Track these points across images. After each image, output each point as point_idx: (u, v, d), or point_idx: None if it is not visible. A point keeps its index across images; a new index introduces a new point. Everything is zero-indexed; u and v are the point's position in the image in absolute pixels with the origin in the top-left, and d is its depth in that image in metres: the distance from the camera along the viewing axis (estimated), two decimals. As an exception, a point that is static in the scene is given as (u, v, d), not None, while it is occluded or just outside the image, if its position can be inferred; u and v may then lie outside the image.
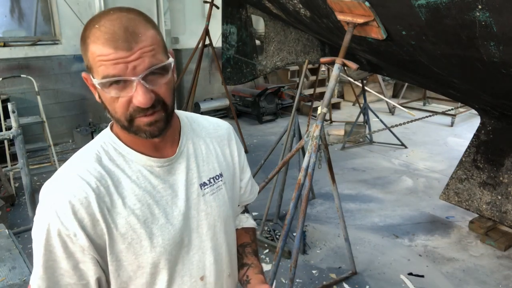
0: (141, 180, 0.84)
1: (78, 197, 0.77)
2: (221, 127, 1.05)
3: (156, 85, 0.77)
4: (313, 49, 4.05)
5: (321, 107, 2.36)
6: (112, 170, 0.83)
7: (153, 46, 0.75)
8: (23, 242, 3.23)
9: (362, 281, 2.84)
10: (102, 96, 0.79)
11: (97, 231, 0.79)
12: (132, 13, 0.76)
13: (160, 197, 0.86)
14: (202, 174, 0.94)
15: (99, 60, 0.73)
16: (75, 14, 5.47)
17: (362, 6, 2.13)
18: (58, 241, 0.77)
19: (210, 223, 0.94)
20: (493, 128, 3.20)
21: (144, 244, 0.82)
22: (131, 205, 0.82)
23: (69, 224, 0.76)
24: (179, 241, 0.88)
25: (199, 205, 0.92)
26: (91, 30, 0.74)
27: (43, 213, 0.78)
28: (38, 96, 4.29)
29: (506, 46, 1.72)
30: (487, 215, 3.18)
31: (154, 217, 0.84)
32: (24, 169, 2.00)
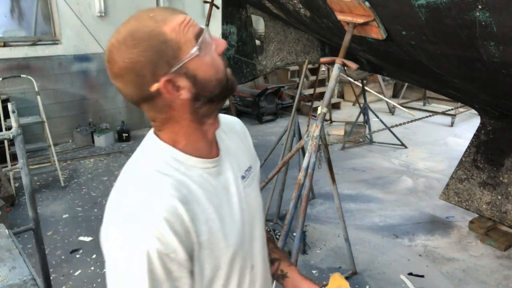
0: (205, 184, 0.83)
1: (170, 211, 0.73)
2: (235, 123, 1.06)
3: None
4: (313, 49, 4.05)
5: (321, 107, 2.36)
6: (179, 178, 0.79)
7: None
8: (23, 242, 3.24)
9: (362, 281, 2.84)
10: (198, 68, 0.77)
11: (190, 241, 0.76)
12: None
13: (221, 197, 0.86)
14: (239, 168, 0.95)
15: (181, 30, 0.75)
16: (75, 14, 5.47)
17: (362, 6, 2.13)
18: (159, 264, 0.71)
19: (254, 214, 0.96)
20: (493, 128, 3.20)
21: (221, 245, 0.82)
22: (206, 209, 0.80)
23: (169, 241, 0.72)
24: (242, 236, 0.89)
25: (245, 198, 0.93)
26: (151, 27, 0.75)
27: (136, 241, 0.71)
28: (38, 96, 4.29)
29: (506, 46, 1.72)
30: (487, 215, 3.18)
31: (223, 218, 0.84)
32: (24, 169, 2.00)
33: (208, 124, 0.84)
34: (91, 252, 3.17)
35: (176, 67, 0.75)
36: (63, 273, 2.93)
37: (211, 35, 0.79)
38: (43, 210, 3.81)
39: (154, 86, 0.75)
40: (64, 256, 3.13)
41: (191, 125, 0.82)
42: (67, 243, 3.31)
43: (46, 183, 4.47)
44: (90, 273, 2.92)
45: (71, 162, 5.09)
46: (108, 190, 4.27)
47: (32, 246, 3.10)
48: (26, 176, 2.01)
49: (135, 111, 6.46)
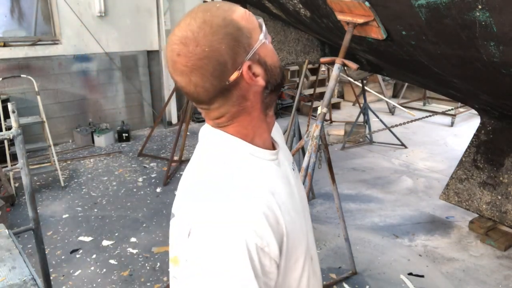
0: (275, 174, 0.82)
1: (266, 204, 0.73)
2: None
3: None
4: (313, 49, 4.05)
5: (321, 107, 2.36)
6: (254, 171, 0.78)
7: None
8: (23, 242, 3.24)
9: (362, 281, 2.84)
10: (265, 55, 0.78)
11: (280, 232, 0.75)
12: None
13: (288, 185, 0.85)
14: (288, 160, 0.94)
15: (249, 16, 0.76)
16: (75, 14, 5.47)
17: (362, 6, 2.13)
18: (257, 256, 0.70)
19: (305, 204, 0.95)
20: (493, 128, 3.20)
21: (299, 235, 0.81)
22: (285, 199, 0.79)
23: (265, 234, 0.71)
24: (305, 226, 0.88)
25: (298, 189, 0.92)
26: (221, 12, 0.74)
27: (232, 236, 0.69)
28: (38, 96, 4.29)
29: (506, 46, 1.72)
30: (487, 215, 3.18)
31: (295, 207, 0.83)
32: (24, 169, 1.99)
33: (270, 115, 0.85)
34: (91, 252, 3.17)
35: (251, 53, 0.75)
36: (63, 273, 2.93)
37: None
38: (43, 210, 3.81)
39: (235, 74, 0.73)
40: (64, 256, 3.13)
41: (260, 116, 0.81)
42: (67, 243, 3.31)
43: (46, 183, 4.47)
44: (90, 273, 2.92)
45: (71, 162, 5.09)
46: (108, 190, 4.28)
47: (32, 246, 3.10)
48: (26, 176, 2.01)
49: (135, 111, 6.47)
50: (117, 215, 3.72)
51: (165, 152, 5.49)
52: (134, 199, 4.07)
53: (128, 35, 5.99)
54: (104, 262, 3.04)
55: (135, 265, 3.01)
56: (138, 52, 6.21)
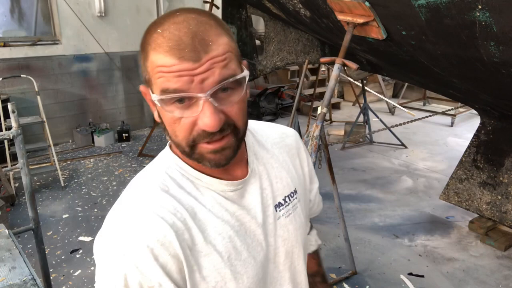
0: (217, 209, 0.70)
1: (156, 237, 0.62)
2: (287, 135, 0.90)
3: (227, 104, 0.63)
4: (313, 49, 4.05)
5: (321, 107, 2.36)
6: (183, 200, 0.68)
7: (226, 55, 0.62)
8: (23, 242, 3.24)
9: (362, 281, 2.84)
10: (162, 115, 0.66)
11: (182, 274, 0.65)
12: (203, 15, 0.63)
13: (239, 227, 0.72)
14: (276, 194, 0.79)
15: (159, 71, 0.60)
16: (75, 14, 5.47)
17: (362, 6, 2.13)
18: None
19: (288, 250, 0.80)
20: (493, 128, 3.20)
21: (229, 286, 0.69)
22: (212, 239, 0.68)
23: (151, 273, 0.62)
24: (261, 277, 0.74)
25: (275, 230, 0.77)
26: (152, 35, 0.62)
27: (115, 269, 0.62)
28: (38, 96, 4.29)
29: (506, 46, 1.72)
30: (487, 215, 3.18)
31: (236, 252, 0.70)
32: (24, 169, 1.99)
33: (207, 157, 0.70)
34: (91, 252, 3.17)
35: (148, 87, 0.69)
36: (63, 273, 2.93)
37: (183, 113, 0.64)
38: (43, 210, 3.81)
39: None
40: (64, 256, 3.13)
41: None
42: (67, 243, 3.31)
43: (46, 183, 4.47)
44: (90, 273, 2.92)
45: (71, 162, 5.10)
46: (108, 190, 4.28)
47: (32, 246, 3.10)
48: (26, 176, 2.01)
49: (135, 111, 6.47)
50: (117, 215, 3.71)
51: (165, 152, 5.48)
52: (134, 199, 4.07)
53: (128, 35, 5.99)
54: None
55: (135, 265, 3.01)
56: (138, 52, 6.16)
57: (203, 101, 0.60)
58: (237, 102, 0.64)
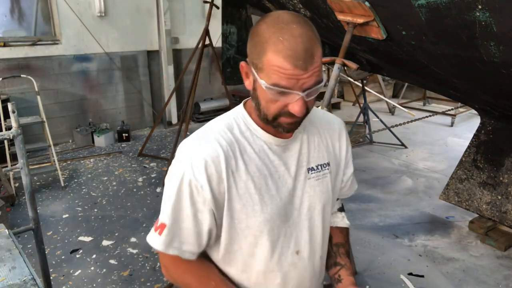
0: (262, 153, 0.96)
1: (211, 155, 0.90)
2: (334, 122, 1.13)
3: (310, 98, 0.87)
4: (313, 49, 4.04)
5: (321, 107, 2.36)
6: (240, 139, 0.95)
7: (320, 67, 0.85)
8: (23, 242, 3.24)
9: (362, 281, 2.84)
10: (260, 92, 0.88)
11: (220, 188, 0.91)
12: (309, 29, 0.84)
13: (274, 171, 0.97)
14: (311, 160, 1.03)
15: (275, 70, 0.82)
16: (75, 14, 5.47)
17: (362, 6, 2.13)
18: (187, 189, 0.90)
19: (311, 205, 1.03)
20: (493, 128, 3.20)
21: (256, 208, 0.94)
22: (252, 172, 0.94)
23: (199, 176, 0.89)
24: (283, 214, 0.98)
25: (304, 186, 1.01)
26: (273, 39, 0.82)
27: (180, 164, 0.92)
28: (38, 96, 4.29)
29: (506, 46, 1.72)
30: (487, 215, 3.18)
31: (267, 187, 0.95)
32: (24, 169, 1.99)
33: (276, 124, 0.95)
34: (91, 252, 3.17)
35: (253, 69, 0.90)
36: (63, 273, 2.93)
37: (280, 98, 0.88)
38: (43, 210, 3.81)
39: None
40: (64, 256, 3.13)
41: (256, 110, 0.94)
42: (67, 243, 3.31)
43: (46, 183, 4.47)
44: (90, 273, 2.92)
45: (71, 162, 5.10)
46: (108, 190, 4.28)
47: (32, 246, 3.10)
48: (26, 176, 2.00)
49: (135, 111, 6.47)
50: (117, 215, 3.72)
51: (165, 152, 5.49)
52: (134, 199, 4.07)
53: (128, 35, 5.99)
54: (104, 262, 3.04)
55: (135, 265, 3.01)
56: (138, 52, 6.21)
57: (300, 97, 0.84)
58: (314, 96, 0.89)
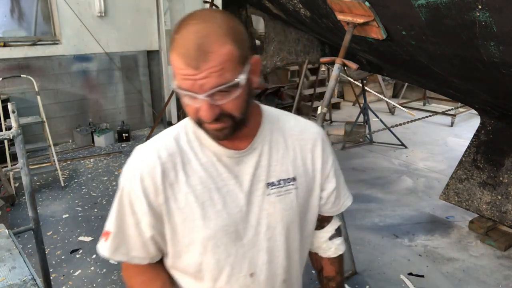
0: (208, 165, 0.90)
1: (148, 167, 0.88)
2: (309, 131, 0.99)
3: (224, 100, 0.78)
4: (313, 49, 4.05)
5: (321, 107, 2.36)
6: (185, 150, 0.90)
7: (222, 66, 0.74)
8: (23, 242, 3.24)
9: (362, 281, 2.84)
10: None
11: (158, 200, 0.88)
12: (213, 23, 0.76)
13: (222, 185, 0.89)
14: (272, 174, 0.93)
15: (175, 70, 0.78)
16: (75, 14, 5.47)
17: (362, 6, 2.13)
18: (127, 199, 0.89)
19: (271, 224, 0.93)
20: (493, 128, 3.20)
21: (197, 223, 0.88)
22: (193, 185, 0.88)
23: (136, 188, 0.88)
24: (233, 231, 0.90)
25: (262, 203, 0.92)
26: (173, 37, 0.77)
27: (123, 174, 0.92)
28: (38, 96, 4.29)
29: (506, 46, 1.72)
30: (487, 215, 3.18)
31: (212, 202, 0.89)
32: (24, 169, 1.99)
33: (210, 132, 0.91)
34: (91, 252, 3.17)
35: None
36: (63, 273, 2.93)
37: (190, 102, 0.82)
38: (43, 210, 3.81)
39: None
40: (64, 256, 3.13)
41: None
42: (67, 243, 3.31)
43: (46, 183, 4.47)
44: (90, 273, 2.92)
45: (71, 162, 5.10)
46: (108, 190, 4.28)
47: (32, 246, 3.10)
48: (26, 176, 2.01)
49: (135, 111, 6.47)
50: (117, 215, 3.71)
51: (165, 152, 5.48)
52: (134, 199, 4.07)
53: (128, 35, 5.98)
54: (104, 262, 3.03)
55: (135, 265, 3.01)
56: (138, 52, 6.21)
57: (201, 99, 0.76)
58: (233, 99, 0.78)
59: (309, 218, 1.01)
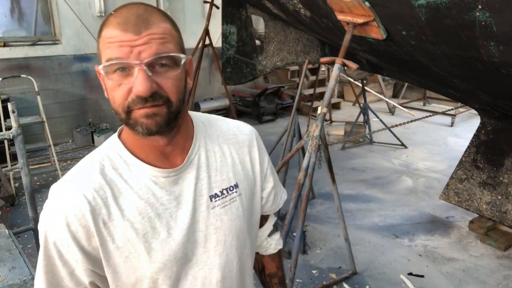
0: (144, 192, 0.79)
1: (74, 209, 0.75)
2: (242, 132, 0.95)
3: (161, 77, 0.71)
4: (313, 49, 4.05)
5: (321, 107, 2.36)
6: (114, 180, 0.78)
7: (165, 36, 0.71)
8: (23, 242, 3.24)
9: (362, 281, 2.84)
10: (106, 85, 0.74)
11: (92, 243, 0.76)
12: (153, 8, 0.74)
13: (163, 210, 0.80)
14: (213, 185, 0.86)
15: (106, 43, 0.70)
16: (75, 14, 5.47)
17: (362, 6, 2.13)
18: (54, 249, 0.76)
19: (220, 238, 0.86)
20: (493, 128, 3.20)
21: (142, 259, 0.78)
22: (131, 217, 0.77)
23: (63, 235, 0.75)
24: (182, 256, 0.82)
25: (208, 218, 0.85)
26: (107, 18, 0.73)
27: (43, 222, 0.77)
28: (38, 96, 4.29)
29: (506, 46, 1.72)
30: (487, 215, 3.18)
31: (154, 231, 0.79)
32: (24, 169, 2.00)
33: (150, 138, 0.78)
34: (91, 252, 3.16)
35: (101, 66, 0.73)
36: (63, 273, 2.92)
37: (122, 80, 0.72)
38: (43, 210, 3.81)
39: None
40: (64, 256, 3.13)
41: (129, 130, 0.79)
42: (67, 243, 3.31)
43: (46, 183, 4.47)
44: (90, 273, 2.92)
45: (71, 162, 5.09)
46: (108, 190, 4.29)
47: (32, 246, 3.10)
48: (26, 176, 2.01)
49: (135, 111, 6.46)
50: (117, 215, 3.71)
51: (165, 152, 5.48)
52: (134, 199, 4.07)
53: (128, 35, 5.98)
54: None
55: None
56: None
57: (138, 69, 0.69)
58: (171, 78, 0.72)
59: (254, 221, 0.97)
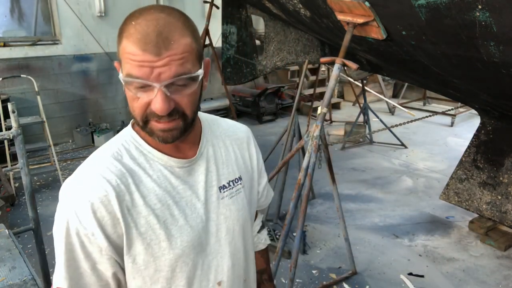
0: (162, 180, 0.82)
1: (98, 195, 0.75)
2: (240, 130, 1.02)
3: (179, 95, 0.74)
4: (313, 49, 4.05)
5: (321, 107, 2.36)
6: (133, 168, 0.81)
7: (184, 55, 0.72)
8: (23, 242, 3.24)
9: (362, 281, 2.84)
10: (126, 92, 0.76)
11: (117, 230, 0.76)
12: (172, 16, 0.73)
13: (179, 198, 0.84)
14: (221, 177, 0.92)
15: (127, 58, 0.71)
16: (75, 14, 5.47)
17: (362, 6, 2.13)
18: (76, 240, 0.75)
19: (229, 227, 0.91)
20: (493, 128, 3.20)
21: (163, 245, 0.80)
22: (152, 204, 0.80)
23: (87, 223, 0.74)
24: (198, 244, 0.85)
25: (218, 208, 0.90)
26: (127, 26, 0.72)
27: (62, 212, 0.76)
28: (38, 96, 4.29)
29: (506, 46, 1.72)
30: (487, 215, 3.18)
31: (173, 218, 0.82)
32: (24, 169, 2.00)
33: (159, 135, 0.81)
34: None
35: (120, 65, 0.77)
36: (63, 273, 2.92)
37: (141, 94, 0.75)
38: (43, 210, 3.81)
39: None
40: (64, 256, 3.13)
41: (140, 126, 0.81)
42: (67, 243, 3.31)
43: (46, 183, 4.47)
44: (90, 273, 2.92)
45: (71, 162, 5.09)
46: (108, 190, 4.29)
47: (32, 246, 3.10)
48: (26, 176, 2.01)
49: (135, 111, 6.46)
50: (117, 215, 3.71)
51: (165, 152, 5.48)
52: (134, 199, 4.07)
53: (128, 35, 5.98)
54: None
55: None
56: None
57: (157, 90, 0.71)
58: (188, 94, 0.75)
59: (252, 214, 1.04)
